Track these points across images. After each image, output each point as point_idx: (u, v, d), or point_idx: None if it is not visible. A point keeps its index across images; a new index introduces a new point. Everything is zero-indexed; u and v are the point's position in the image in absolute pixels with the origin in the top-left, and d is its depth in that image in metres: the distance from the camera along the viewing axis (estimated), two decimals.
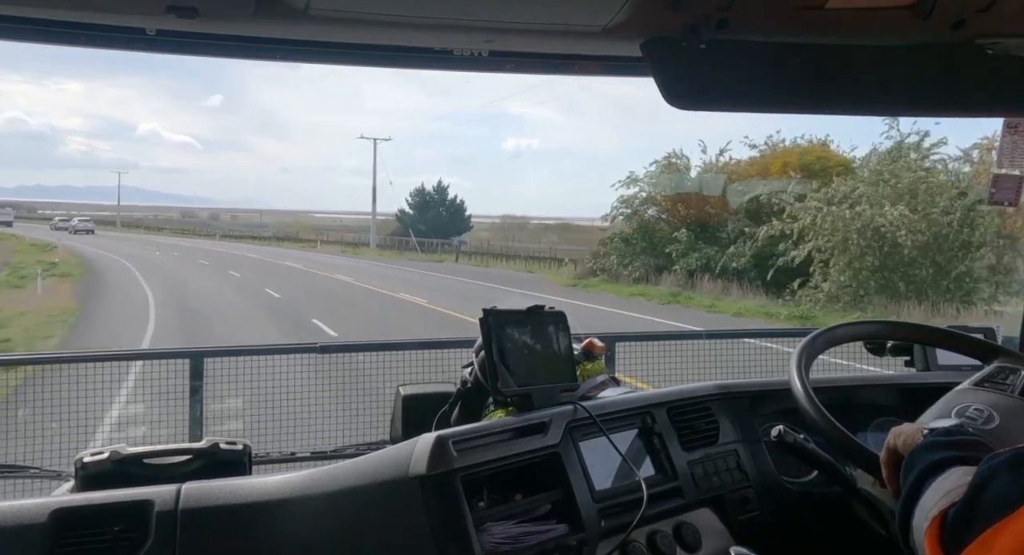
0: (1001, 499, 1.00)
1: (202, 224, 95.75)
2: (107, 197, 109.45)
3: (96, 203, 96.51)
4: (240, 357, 3.88)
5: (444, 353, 3.84)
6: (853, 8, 1.38)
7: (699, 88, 1.49)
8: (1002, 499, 1.00)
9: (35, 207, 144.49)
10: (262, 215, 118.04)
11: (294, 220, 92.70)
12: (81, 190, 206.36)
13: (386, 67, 1.66)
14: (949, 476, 1.14)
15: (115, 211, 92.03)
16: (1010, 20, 1.42)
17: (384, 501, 1.34)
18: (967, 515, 1.05)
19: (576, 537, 1.42)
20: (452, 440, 1.35)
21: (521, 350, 1.57)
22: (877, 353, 2.05)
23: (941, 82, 1.55)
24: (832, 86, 1.54)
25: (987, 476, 1.05)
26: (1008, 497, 1.00)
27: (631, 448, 1.66)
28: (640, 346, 4.62)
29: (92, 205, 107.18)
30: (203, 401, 3.57)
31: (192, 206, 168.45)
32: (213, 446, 1.62)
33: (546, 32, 1.48)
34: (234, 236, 71.87)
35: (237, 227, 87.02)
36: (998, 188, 2.08)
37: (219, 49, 1.53)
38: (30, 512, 1.30)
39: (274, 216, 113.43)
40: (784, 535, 1.78)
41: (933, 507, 1.11)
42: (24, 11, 1.36)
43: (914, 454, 1.25)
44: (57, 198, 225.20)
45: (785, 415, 1.76)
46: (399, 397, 1.98)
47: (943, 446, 1.22)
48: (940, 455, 1.20)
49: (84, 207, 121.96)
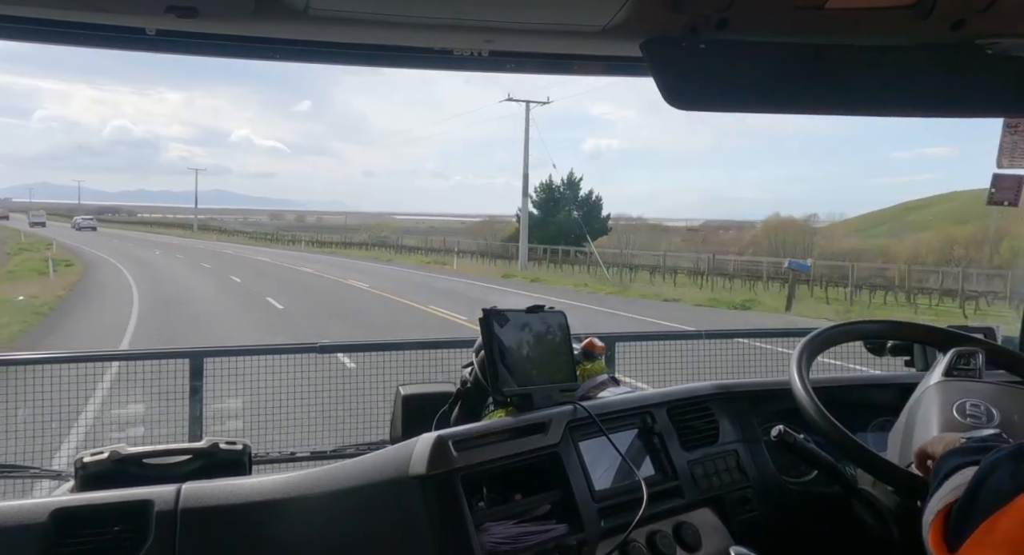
0: (999, 490, 1.02)
1: (287, 227, 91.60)
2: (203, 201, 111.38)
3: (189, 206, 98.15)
4: (240, 357, 3.88)
5: (444, 353, 3.84)
6: (853, 8, 1.38)
7: (699, 88, 1.49)
8: (999, 490, 1.02)
9: (135, 211, 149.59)
10: (347, 217, 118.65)
11: (378, 222, 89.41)
12: (178, 194, 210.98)
13: (386, 67, 1.66)
14: (959, 476, 1.16)
15: (209, 214, 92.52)
16: (1010, 20, 1.42)
17: (384, 501, 1.34)
18: (967, 508, 1.06)
19: (576, 537, 1.42)
20: (452, 440, 1.35)
21: (521, 350, 1.57)
22: (877, 353, 2.05)
23: (941, 82, 1.55)
24: (832, 86, 1.54)
25: (988, 470, 1.07)
26: (1005, 488, 1.02)
27: (631, 448, 1.66)
28: (640, 346, 4.62)
29: (186, 208, 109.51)
30: (203, 401, 3.57)
31: (280, 209, 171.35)
32: (213, 446, 1.62)
33: (546, 32, 1.48)
34: (321, 243, 61.09)
35: (323, 229, 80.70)
36: (998, 188, 2.08)
37: (219, 49, 1.53)
38: (30, 512, 1.30)
39: (358, 218, 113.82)
40: (784, 535, 1.78)
41: (939, 503, 1.13)
42: (24, 11, 1.36)
43: (943, 459, 1.26)
44: (157, 202, 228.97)
45: (785, 415, 1.76)
46: (399, 397, 1.98)
47: (970, 451, 1.24)
48: (961, 459, 1.21)
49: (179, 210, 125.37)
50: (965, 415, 1.52)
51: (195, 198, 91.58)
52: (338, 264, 38.70)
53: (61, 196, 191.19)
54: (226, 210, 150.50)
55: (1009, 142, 2.03)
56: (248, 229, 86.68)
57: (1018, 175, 2.04)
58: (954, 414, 1.53)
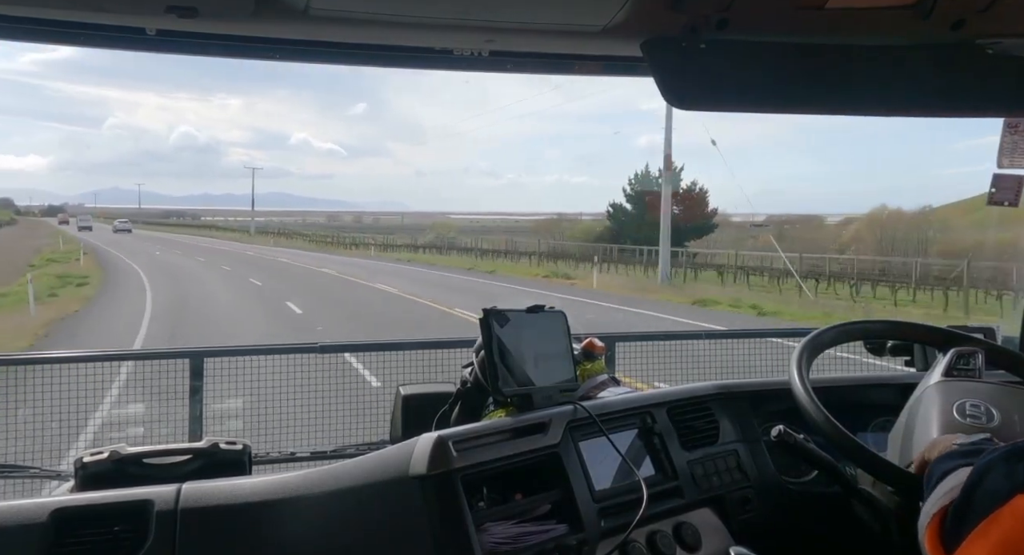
0: (994, 492, 1.02)
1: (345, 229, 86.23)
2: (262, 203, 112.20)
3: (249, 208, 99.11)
4: (240, 357, 3.88)
5: (444, 353, 3.84)
6: (853, 8, 1.38)
7: (699, 88, 1.49)
8: (995, 491, 1.02)
9: (199, 214, 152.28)
10: (403, 217, 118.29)
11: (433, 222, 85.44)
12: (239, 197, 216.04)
13: (386, 67, 1.66)
14: (954, 477, 1.16)
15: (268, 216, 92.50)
16: (1010, 20, 1.42)
17: (384, 501, 1.34)
18: (963, 510, 1.07)
19: (576, 537, 1.42)
20: (452, 440, 1.35)
21: (521, 350, 1.56)
22: (877, 353, 2.05)
23: (941, 82, 1.55)
24: (832, 86, 1.54)
25: (983, 471, 1.07)
26: (1000, 489, 1.02)
27: (631, 448, 1.66)
28: (640, 346, 4.62)
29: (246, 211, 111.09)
30: (203, 401, 3.57)
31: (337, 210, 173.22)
32: (213, 446, 1.62)
33: (546, 32, 1.48)
34: (391, 246, 51.93)
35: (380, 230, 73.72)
36: (998, 188, 2.08)
37: (219, 49, 1.53)
38: (30, 512, 1.30)
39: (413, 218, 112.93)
40: (784, 535, 1.78)
41: (934, 506, 1.13)
42: (24, 11, 1.36)
43: (936, 464, 1.28)
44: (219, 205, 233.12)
45: (785, 415, 1.76)
46: (399, 397, 1.98)
47: (961, 455, 1.26)
48: (953, 463, 1.23)
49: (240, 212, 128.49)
50: (965, 415, 1.52)
51: (251, 200, 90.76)
52: (439, 282, 27.94)
53: (128, 201, 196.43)
54: (286, 212, 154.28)
55: (1009, 142, 2.03)
56: (307, 231, 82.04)
57: (1018, 175, 2.04)
58: (954, 414, 1.53)
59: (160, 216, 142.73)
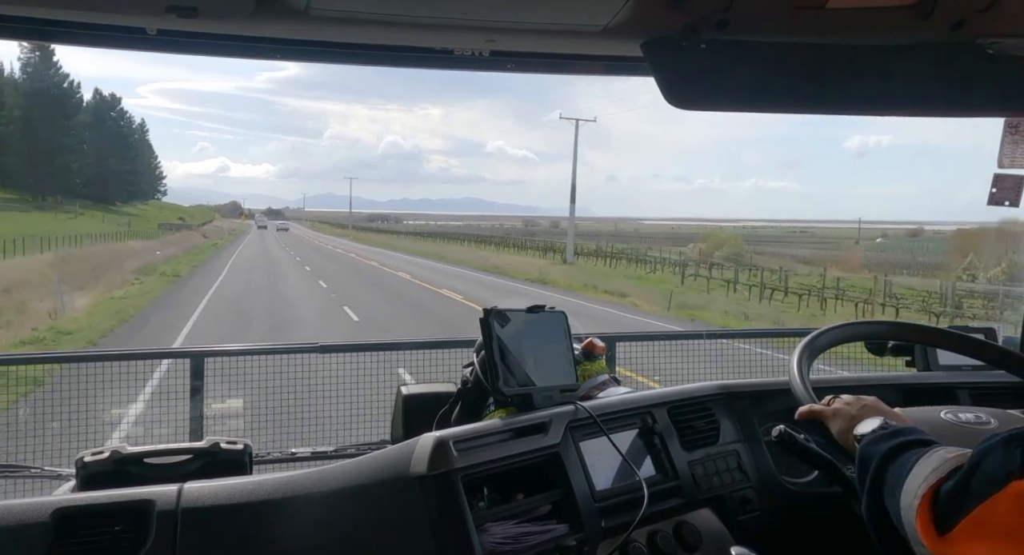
0: (992, 476, 1.03)
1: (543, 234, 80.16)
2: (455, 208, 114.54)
3: (446, 213, 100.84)
4: (240, 357, 3.88)
5: (444, 353, 3.84)
6: (853, 8, 1.38)
7: (699, 88, 1.49)
8: (992, 476, 1.03)
9: (401, 218, 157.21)
10: (598, 223, 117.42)
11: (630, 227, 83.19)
12: (435, 202, 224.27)
13: (386, 67, 1.66)
14: (930, 456, 1.18)
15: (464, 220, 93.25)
16: (1010, 20, 1.42)
17: (384, 501, 1.34)
18: (960, 493, 1.07)
19: (576, 537, 1.42)
20: (452, 440, 1.35)
21: (521, 350, 1.57)
22: (878, 353, 2.05)
23: (941, 82, 1.55)
24: (832, 86, 1.54)
25: (983, 454, 1.08)
26: (998, 474, 1.03)
27: (631, 448, 1.66)
28: (640, 346, 4.62)
29: (443, 215, 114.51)
30: (204, 401, 3.57)
31: (529, 215, 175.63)
32: (214, 446, 1.62)
33: (547, 32, 1.48)
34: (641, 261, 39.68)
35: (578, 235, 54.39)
36: (999, 188, 2.08)
37: (219, 49, 1.53)
38: (31, 512, 1.30)
39: (607, 224, 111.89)
40: (784, 535, 1.78)
41: (921, 485, 1.13)
42: (24, 11, 1.36)
43: (866, 448, 1.33)
44: (417, 210, 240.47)
45: (785, 415, 1.76)
46: (399, 397, 1.98)
47: (886, 437, 1.31)
48: (889, 444, 1.28)
49: (439, 217, 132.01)
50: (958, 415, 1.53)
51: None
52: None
53: (340, 206, 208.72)
54: (481, 216, 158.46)
55: (1009, 142, 2.03)
56: (498, 235, 74.69)
57: (1018, 175, 2.04)
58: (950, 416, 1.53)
59: (366, 220, 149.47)
